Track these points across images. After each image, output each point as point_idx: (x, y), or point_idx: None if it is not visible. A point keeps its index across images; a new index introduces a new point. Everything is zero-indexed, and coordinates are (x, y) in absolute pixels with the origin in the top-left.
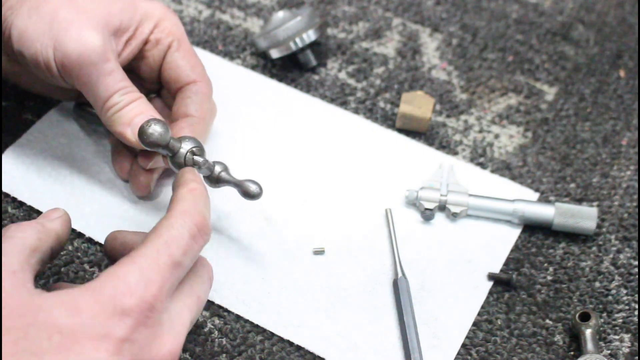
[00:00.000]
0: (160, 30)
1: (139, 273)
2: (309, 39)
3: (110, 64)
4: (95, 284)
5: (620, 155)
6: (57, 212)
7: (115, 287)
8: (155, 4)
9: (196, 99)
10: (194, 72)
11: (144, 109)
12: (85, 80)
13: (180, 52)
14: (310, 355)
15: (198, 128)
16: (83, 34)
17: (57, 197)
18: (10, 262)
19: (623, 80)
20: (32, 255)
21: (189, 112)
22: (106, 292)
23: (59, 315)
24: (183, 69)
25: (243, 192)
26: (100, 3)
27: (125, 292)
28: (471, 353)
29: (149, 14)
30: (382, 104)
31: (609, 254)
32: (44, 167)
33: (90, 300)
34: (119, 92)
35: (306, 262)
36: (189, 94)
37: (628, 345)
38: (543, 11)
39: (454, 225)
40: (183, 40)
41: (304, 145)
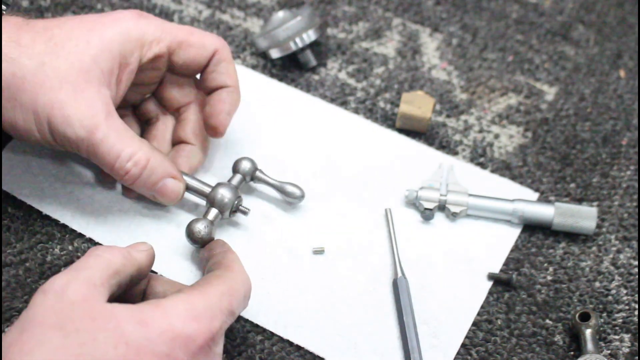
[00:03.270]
0: (150, 46)
1: (206, 304)
2: (309, 39)
3: (100, 131)
4: (166, 303)
5: (620, 155)
6: (144, 246)
7: (185, 310)
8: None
9: (222, 69)
10: (205, 49)
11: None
12: (84, 153)
13: (183, 48)
14: (310, 355)
15: (235, 96)
16: (71, 112)
17: (57, 197)
18: (93, 275)
19: (623, 80)
20: (114, 276)
21: (221, 84)
22: (175, 313)
23: (128, 327)
24: (196, 56)
25: (285, 194)
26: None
27: (194, 318)
28: (471, 353)
29: (127, 40)
30: (382, 104)
31: (609, 254)
32: (44, 166)
33: (160, 319)
34: (120, 159)
35: (306, 262)
36: (212, 67)
37: (628, 345)
38: (543, 11)
39: (454, 225)
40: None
41: (304, 144)
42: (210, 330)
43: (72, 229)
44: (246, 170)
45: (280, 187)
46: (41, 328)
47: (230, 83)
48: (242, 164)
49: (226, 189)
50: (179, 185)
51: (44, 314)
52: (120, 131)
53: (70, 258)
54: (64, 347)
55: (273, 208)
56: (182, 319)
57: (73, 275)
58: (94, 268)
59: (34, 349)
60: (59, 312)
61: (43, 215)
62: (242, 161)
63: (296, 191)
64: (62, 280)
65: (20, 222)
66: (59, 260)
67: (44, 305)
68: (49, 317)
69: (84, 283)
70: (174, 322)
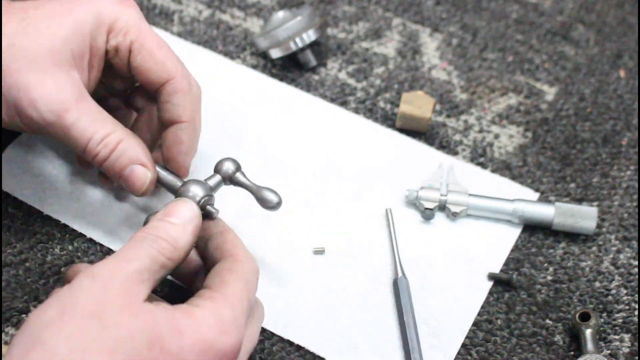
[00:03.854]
0: (115, 34)
1: (232, 314)
2: (309, 39)
3: (70, 115)
4: (198, 312)
5: (620, 155)
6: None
7: (215, 323)
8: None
9: (177, 100)
10: (164, 70)
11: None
12: (55, 137)
13: (143, 54)
14: (310, 355)
15: (191, 133)
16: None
17: (57, 197)
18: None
19: (623, 80)
20: (160, 271)
21: (175, 118)
22: (206, 325)
23: (164, 332)
24: (152, 71)
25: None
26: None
27: (224, 331)
28: (471, 353)
29: (98, 23)
30: (382, 104)
31: (609, 254)
32: (44, 166)
33: (193, 329)
34: (91, 142)
35: (306, 262)
36: (167, 97)
37: (628, 345)
38: (543, 11)
39: (454, 225)
40: (143, 36)
41: (304, 144)
42: (238, 339)
43: (72, 229)
44: (225, 171)
45: (257, 191)
46: (82, 314)
47: (185, 118)
48: (222, 165)
49: (196, 186)
50: (146, 174)
51: (87, 300)
52: (93, 113)
53: (70, 258)
54: (100, 339)
55: None
56: (213, 332)
57: (122, 266)
58: (142, 261)
59: (72, 335)
60: (101, 302)
61: (43, 215)
62: (223, 162)
63: (272, 198)
64: (111, 269)
65: (20, 222)
66: (59, 260)
67: (89, 291)
68: (91, 305)
69: (132, 278)
70: (206, 335)
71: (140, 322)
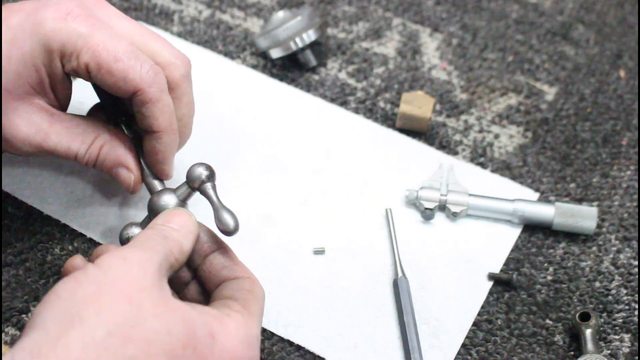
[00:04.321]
0: (68, 58)
1: (256, 331)
2: (309, 39)
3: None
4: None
5: (620, 155)
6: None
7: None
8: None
9: (146, 111)
10: (127, 84)
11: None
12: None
13: (102, 72)
14: (310, 355)
15: (166, 141)
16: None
17: (57, 197)
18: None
19: (623, 80)
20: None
21: (148, 128)
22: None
23: (199, 334)
24: (116, 87)
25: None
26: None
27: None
28: (471, 353)
29: (46, 51)
30: (382, 104)
31: (609, 254)
32: (44, 166)
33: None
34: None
35: (306, 262)
36: (137, 107)
37: (628, 345)
38: (543, 11)
39: (454, 225)
40: (97, 54)
41: (304, 144)
42: (257, 356)
43: (72, 229)
44: (193, 179)
45: (217, 210)
46: (121, 298)
47: (156, 127)
48: (193, 172)
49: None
50: (128, 176)
51: (124, 282)
52: (71, 129)
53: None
54: (139, 328)
55: (273, 208)
56: (242, 345)
57: (150, 255)
58: (161, 257)
59: (112, 319)
60: (139, 288)
61: (43, 215)
62: (194, 168)
63: (229, 222)
64: (141, 256)
65: (20, 222)
66: (59, 260)
67: (123, 272)
68: (129, 289)
69: (161, 267)
70: (236, 346)
71: (178, 318)
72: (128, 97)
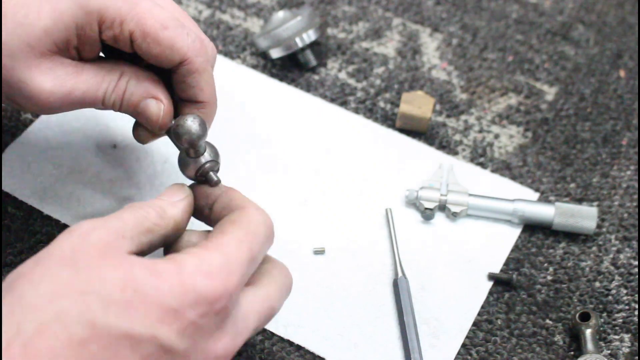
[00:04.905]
0: (109, 25)
1: (223, 259)
2: (309, 39)
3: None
4: (180, 257)
5: (620, 155)
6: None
7: (198, 266)
8: None
9: (192, 81)
10: (174, 54)
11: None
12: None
13: (148, 41)
14: (310, 355)
15: (207, 112)
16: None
17: (57, 197)
18: (123, 227)
19: (623, 80)
20: (145, 234)
21: (191, 98)
22: (188, 269)
23: (139, 274)
24: (161, 56)
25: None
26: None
27: (207, 274)
28: (471, 353)
29: (83, 12)
30: (382, 104)
31: (609, 254)
32: (44, 166)
33: (172, 273)
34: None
35: (306, 262)
36: (181, 77)
37: (628, 345)
38: (543, 11)
39: (454, 225)
40: (143, 22)
41: (304, 144)
42: (226, 287)
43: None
44: None
45: None
46: (54, 262)
47: (201, 98)
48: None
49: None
50: (159, 106)
51: (61, 250)
52: (97, 74)
53: None
54: (70, 282)
55: (273, 208)
56: (195, 275)
57: (102, 223)
58: (126, 221)
59: (42, 281)
60: (76, 250)
61: (43, 216)
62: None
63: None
64: (90, 225)
65: (20, 222)
66: None
67: (65, 242)
68: (64, 254)
69: (111, 231)
70: (186, 278)
71: (112, 264)
72: (172, 66)
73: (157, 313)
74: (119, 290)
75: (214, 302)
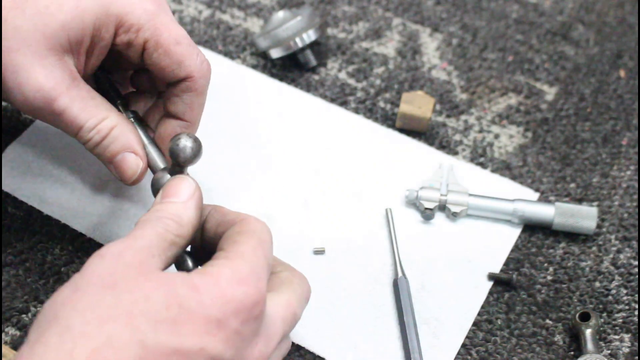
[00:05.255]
0: (126, 29)
1: (249, 266)
2: (309, 39)
3: (60, 102)
4: (213, 270)
5: (620, 155)
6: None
7: (233, 276)
8: None
9: (187, 99)
10: (181, 70)
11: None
12: (46, 121)
13: (159, 52)
14: (310, 355)
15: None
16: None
17: (57, 197)
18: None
19: (623, 80)
20: (170, 248)
21: (179, 114)
22: (224, 278)
23: (181, 290)
24: (168, 69)
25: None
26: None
27: (241, 281)
28: (471, 353)
29: (104, 14)
30: (382, 104)
31: (609, 254)
32: (44, 166)
33: (211, 285)
34: (83, 129)
35: (306, 262)
36: (178, 92)
37: (628, 345)
38: (543, 11)
39: (454, 225)
40: (159, 33)
41: (305, 144)
42: (259, 291)
43: (72, 229)
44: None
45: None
46: (94, 287)
47: (188, 117)
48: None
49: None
50: (137, 162)
51: (99, 275)
52: (86, 100)
53: (70, 258)
54: (115, 306)
55: (273, 208)
56: (231, 284)
57: (130, 243)
58: (151, 239)
59: (87, 308)
60: (113, 273)
61: (43, 215)
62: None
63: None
64: (120, 247)
65: (20, 222)
66: (59, 260)
67: (99, 267)
68: (103, 278)
69: (142, 252)
70: (225, 288)
71: (154, 283)
72: (174, 80)
73: (203, 326)
74: (164, 309)
75: (252, 308)
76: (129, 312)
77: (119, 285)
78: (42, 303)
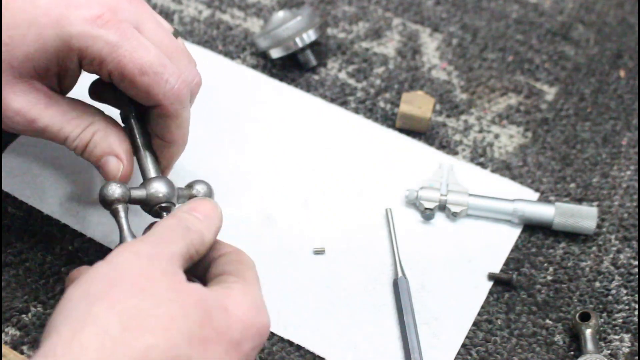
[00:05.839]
0: (89, 62)
1: (260, 295)
2: (309, 39)
3: (39, 122)
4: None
5: (620, 155)
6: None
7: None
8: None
9: (162, 122)
10: (148, 98)
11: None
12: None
13: (125, 83)
14: (310, 355)
15: (171, 152)
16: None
17: (57, 197)
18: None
19: (623, 80)
20: (187, 262)
21: (159, 135)
22: (246, 304)
23: (214, 311)
24: (137, 97)
25: None
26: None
27: (259, 310)
28: (471, 353)
29: (65, 47)
30: (382, 104)
31: (609, 254)
32: (44, 167)
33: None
34: (67, 140)
35: (306, 262)
36: (153, 117)
37: (628, 345)
38: (543, 11)
39: (454, 225)
40: (122, 65)
41: (305, 144)
42: (269, 320)
43: (72, 229)
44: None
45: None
46: (131, 288)
47: (168, 139)
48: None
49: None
50: (117, 166)
51: (134, 275)
52: (66, 113)
53: (70, 258)
54: (154, 316)
55: (273, 208)
56: (251, 311)
57: (163, 248)
58: (181, 247)
59: (125, 311)
60: (150, 279)
61: (43, 215)
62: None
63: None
64: (153, 248)
65: (20, 222)
66: (59, 260)
67: (135, 265)
68: (139, 280)
69: (173, 258)
70: (246, 313)
71: (192, 300)
72: (147, 106)
73: (225, 346)
74: (199, 327)
75: (263, 335)
76: (167, 326)
77: (158, 294)
78: (42, 303)
